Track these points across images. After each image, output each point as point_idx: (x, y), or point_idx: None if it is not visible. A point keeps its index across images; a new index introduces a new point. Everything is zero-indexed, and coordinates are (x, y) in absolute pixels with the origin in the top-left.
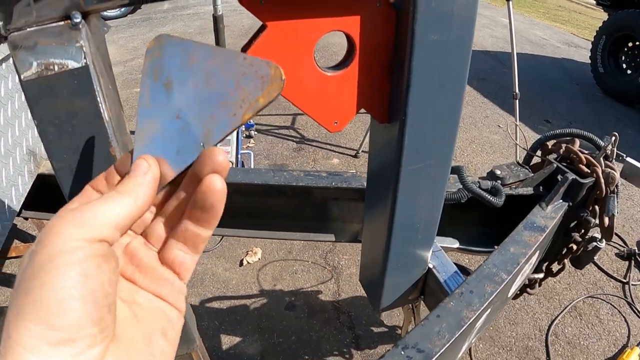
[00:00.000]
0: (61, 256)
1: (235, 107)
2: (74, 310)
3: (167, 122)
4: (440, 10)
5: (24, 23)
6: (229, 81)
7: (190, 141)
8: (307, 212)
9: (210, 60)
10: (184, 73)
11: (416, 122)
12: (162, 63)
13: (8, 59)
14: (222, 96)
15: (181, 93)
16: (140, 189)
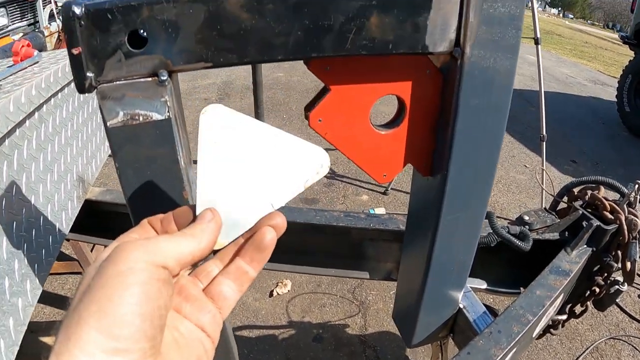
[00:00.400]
0: (129, 274)
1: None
2: (133, 325)
3: (232, 184)
4: (483, 78)
5: (114, 76)
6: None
7: (259, 204)
8: (344, 250)
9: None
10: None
11: (456, 177)
12: (222, 129)
13: (64, 89)
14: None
15: (242, 164)
16: (204, 235)
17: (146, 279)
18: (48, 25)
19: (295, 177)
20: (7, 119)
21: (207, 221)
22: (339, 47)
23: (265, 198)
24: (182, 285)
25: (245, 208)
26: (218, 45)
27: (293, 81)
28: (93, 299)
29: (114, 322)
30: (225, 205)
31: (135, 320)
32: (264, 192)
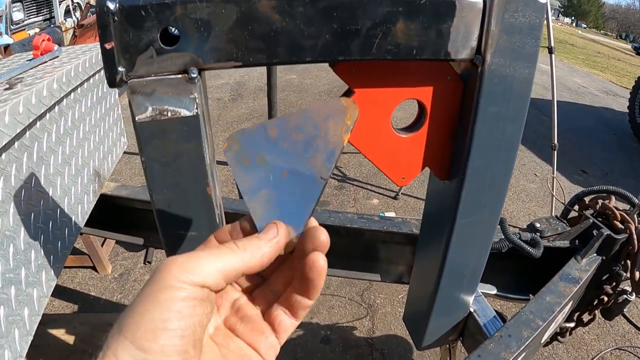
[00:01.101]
0: (165, 291)
1: (331, 137)
2: (162, 339)
3: (277, 184)
4: (502, 86)
5: (145, 72)
6: (314, 126)
7: (308, 182)
8: (356, 252)
9: (287, 125)
10: (271, 144)
11: (473, 181)
12: (245, 149)
13: (83, 84)
14: (315, 138)
15: (278, 158)
16: (259, 250)
17: (181, 297)
18: (64, 21)
19: (329, 139)
20: (29, 111)
21: (269, 238)
22: (365, 51)
23: (312, 177)
24: (239, 305)
25: (300, 198)
26: (248, 45)
27: (306, 84)
28: (132, 312)
29: (145, 336)
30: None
31: (165, 335)
32: (309, 173)
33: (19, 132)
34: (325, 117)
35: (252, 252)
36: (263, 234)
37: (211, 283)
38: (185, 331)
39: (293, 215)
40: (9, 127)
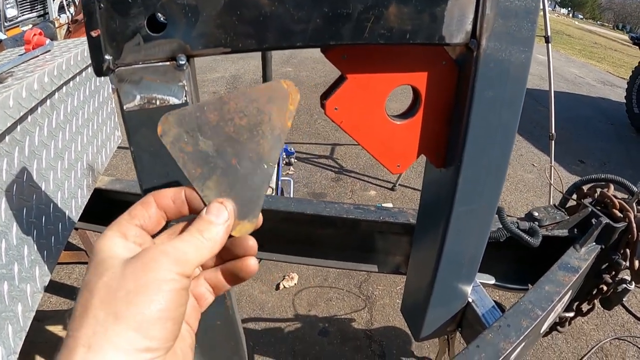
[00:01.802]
0: (163, 284)
1: (276, 123)
2: (167, 327)
3: (227, 170)
4: (498, 70)
5: (132, 60)
6: (256, 109)
7: (258, 169)
8: (352, 243)
9: (227, 107)
10: (214, 128)
11: (469, 169)
12: (185, 134)
13: (75, 78)
14: (260, 124)
15: (224, 144)
16: (218, 236)
17: (177, 288)
18: (58, 17)
19: (274, 125)
20: (20, 105)
21: (222, 221)
22: (357, 36)
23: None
24: None
25: (251, 184)
26: (237, 31)
27: (302, 76)
28: (132, 301)
29: (152, 325)
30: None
31: (168, 324)
32: (258, 160)
33: (10, 126)
34: (268, 100)
35: (214, 241)
36: (215, 217)
37: (192, 273)
38: (180, 318)
39: (246, 201)
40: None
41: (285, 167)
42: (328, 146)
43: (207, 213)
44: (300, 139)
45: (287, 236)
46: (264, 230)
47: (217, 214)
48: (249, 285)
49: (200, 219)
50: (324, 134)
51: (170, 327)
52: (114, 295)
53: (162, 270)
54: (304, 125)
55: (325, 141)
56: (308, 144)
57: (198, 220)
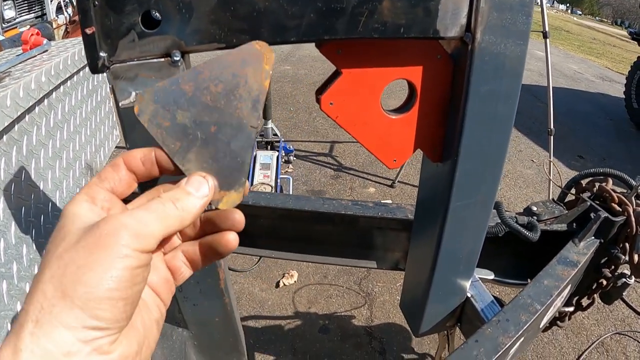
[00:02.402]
0: (117, 261)
1: (252, 85)
2: (118, 308)
3: (207, 140)
4: (493, 63)
5: (127, 56)
6: (232, 74)
7: (239, 133)
8: (351, 239)
9: (202, 75)
10: (190, 99)
11: (466, 163)
12: (161, 109)
13: (73, 77)
14: (236, 87)
15: (201, 113)
16: (195, 209)
17: (132, 266)
18: (55, 18)
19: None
20: (17, 104)
21: (202, 195)
22: (351, 30)
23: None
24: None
25: (234, 150)
26: (231, 26)
27: (300, 74)
28: (81, 279)
29: (100, 305)
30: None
31: (119, 304)
32: (238, 123)
33: (7, 125)
34: (242, 64)
35: (188, 212)
36: (194, 189)
37: (154, 248)
38: (135, 298)
39: (230, 170)
40: None
41: (284, 165)
42: (327, 144)
43: (187, 184)
44: (299, 137)
45: (286, 233)
46: (262, 227)
47: (197, 187)
48: (249, 283)
49: (178, 188)
50: (322, 132)
51: (121, 307)
52: (63, 270)
53: (117, 246)
54: (302, 123)
55: (324, 139)
56: (307, 141)
57: (175, 189)
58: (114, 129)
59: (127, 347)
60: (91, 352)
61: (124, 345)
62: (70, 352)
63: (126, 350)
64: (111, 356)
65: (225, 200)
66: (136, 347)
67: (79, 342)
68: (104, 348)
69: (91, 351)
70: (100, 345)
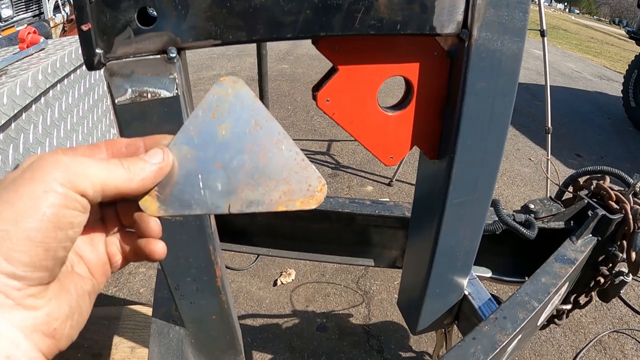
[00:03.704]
0: (42, 197)
1: (274, 195)
2: (37, 254)
3: (204, 161)
4: (490, 61)
5: (123, 53)
6: (281, 169)
7: (216, 193)
8: (348, 237)
9: (272, 137)
10: (244, 132)
11: (463, 160)
12: (227, 106)
13: (70, 75)
14: (269, 177)
15: (232, 148)
16: (143, 173)
17: (60, 205)
18: (53, 17)
19: (273, 193)
20: (14, 102)
21: (155, 162)
22: (348, 27)
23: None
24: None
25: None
26: (227, 23)
27: (298, 73)
28: (1, 216)
29: (15, 247)
30: (186, 174)
31: (38, 249)
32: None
33: (4, 123)
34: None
35: (135, 173)
36: (149, 157)
37: (91, 195)
38: (58, 246)
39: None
40: None
41: None
42: (324, 142)
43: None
44: (297, 135)
45: (283, 231)
46: (259, 225)
47: (152, 155)
48: (247, 281)
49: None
50: (320, 131)
51: (41, 254)
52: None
53: (45, 181)
54: (300, 121)
55: (322, 137)
56: (305, 140)
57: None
58: (111, 128)
59: (56, 308)
60: (14, 305)
61: (52, 305)
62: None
63: (55, 310)
64: (37, 313)
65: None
66: (67, 309)
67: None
68: (26, 302)
69: (14, 305)
70: (22, 297)
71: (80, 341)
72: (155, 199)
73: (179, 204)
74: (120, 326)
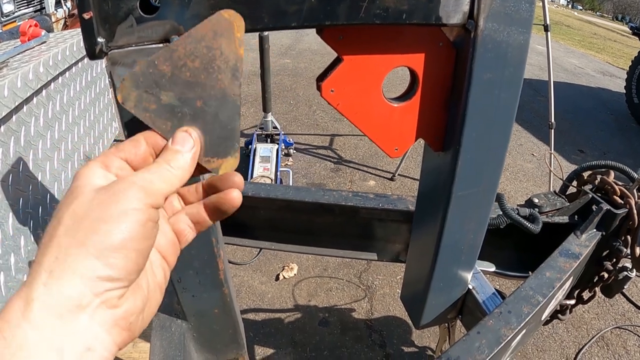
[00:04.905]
0: (131, 214)
1: (228, 55)
2: (130, 258)
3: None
4: (496, 52)
5: (125, 42)
6: (206, 48)
7: (225, 103)
8: (352, 231)
9: (177, 53)
10: (170, 79)
11: (468, 152)
12: (144, 94)
13: (71, 68)
14: (213, 60)
15: (184, 90)
16: (187, 166)
17: (144, 219)
18: (54, 12)
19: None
20: (15, 94)
21: (188, 149)
22: (353, 16)
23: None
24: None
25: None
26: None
27: (300, 67)
28: (96, 229)
29: (113, 254)
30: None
31: (132, 254)
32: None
33: (5, 115)
34: (214, 35)
35: (182, 169)
36: (181, 147)
37: (162, 204)
38: (146, 252)
39: (223, 139)
40: None
41: (284, 157)
42: (327, 137)
43: (173, 143)
44: (299, 130)
45: (286, 225)
46: (262, 219)
47: (183, 142)
48: (249, 276)
49: (167, 149)
50: (322, 125)
51: (133, 259)
52: (79, 224)
53: (129, 200)
54: (302, 116)
55: (324, 132)
56: (307, 134)
57: (164, 151)
58: (113, 121)
59: (132, 304)
60: (100, 304)
61: (129, 302)
62: (81, 305)
63: (131, 306)
64: (117, 310)
65: (224, 166)
66: (140, 305)
67: (91, 293)
68: (112, 302)
69: (100, 304)
70: (109, 298)
71: None
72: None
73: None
74: None
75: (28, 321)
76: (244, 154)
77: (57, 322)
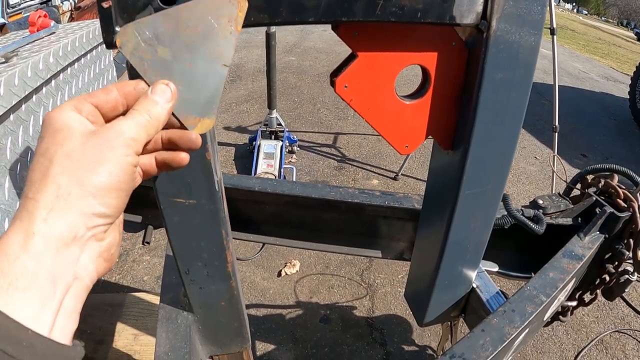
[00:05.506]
0: (124, 159)
1: (227, 29)
2: (120, 197)
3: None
4: (508, 53)
5: None
6: (209, 18)
7: (213, 70)
8: (357, 228)
9: (181, 17)
10: (170, 37)
11: (477, 151)
12: (143, 44)
13: (80, 59)
14: (212, 29)
15: (180, 50)
16: (162, 117)
17: (130, 163)
18: (60, 4)
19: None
20: (25, 83)
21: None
22: (369, 13)
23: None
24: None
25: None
26: (250, 4)
27: (305, 65)
28: (94, 171)
29: (109, 194)
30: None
31: (122, 194)
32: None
33: (15, 104)
34: (219, 10)
35: (158, 120)
36: (160, 98)
37: (140, 151)
38: (130, 191)
39: (204, 101)
40: (4, 98)
41: (288, 155)
42: (331, 135)
43: (152, 93)
44: (303, 128)
45: (291, 220)
46: (267, 214)
47: (162, 94)
48: (251, 272)
49: (146, 98)
50: (327, 123)
51: (123, 198)
52: (77, 164)
53: (121, 147)
54: (307, 114)
55: (328, 130)
56: (311, 132)
57: (144, 99)
58: None
59: (114, 238)
60: (90, 237)
61: (112, 236)
62: (77, 237)
63: (113, 239)
64: (102, 243)
65: (200, 126)
66: (119, 238)
67: (85, 227)
68: (99, 235)
69: (90, 237)
70: (98, 232)
71: (83, 327)
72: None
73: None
74: (124, 313)
75: (28, 253)
76: (248, 150)
77: (54, 252)
